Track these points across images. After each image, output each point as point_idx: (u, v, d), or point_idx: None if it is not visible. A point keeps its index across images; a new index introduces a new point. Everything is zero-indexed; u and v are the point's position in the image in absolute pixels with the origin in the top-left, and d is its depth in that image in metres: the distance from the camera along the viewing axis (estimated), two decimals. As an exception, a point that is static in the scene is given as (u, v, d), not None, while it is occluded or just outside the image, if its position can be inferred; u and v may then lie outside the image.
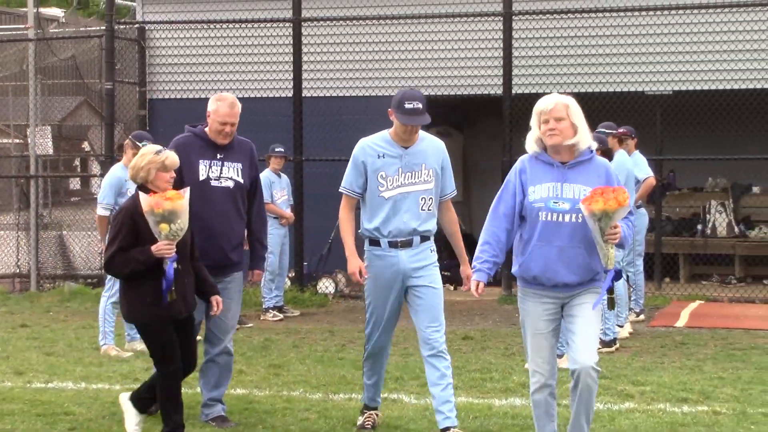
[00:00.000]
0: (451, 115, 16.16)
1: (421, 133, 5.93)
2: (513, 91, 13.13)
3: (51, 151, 16.30)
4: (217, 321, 6.30)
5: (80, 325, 11.78)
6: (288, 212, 12.06)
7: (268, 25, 13.72)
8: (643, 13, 13.26)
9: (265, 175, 11.19)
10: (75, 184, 21.65)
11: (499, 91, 13.27)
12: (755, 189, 14.79)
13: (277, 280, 11.96)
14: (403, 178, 5.79)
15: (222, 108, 6.19)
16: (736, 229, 14.12)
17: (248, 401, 7.67)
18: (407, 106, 5.68)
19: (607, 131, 9.95)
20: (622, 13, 13.10)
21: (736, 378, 8.03)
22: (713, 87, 12.84)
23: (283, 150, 12.01)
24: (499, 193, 5.22)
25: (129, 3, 15.95)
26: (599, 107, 11.45)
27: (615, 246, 5.01)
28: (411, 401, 7.25)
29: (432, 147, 5.93)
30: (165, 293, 5.60)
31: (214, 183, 6.21)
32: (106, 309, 9.84)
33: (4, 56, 15.90)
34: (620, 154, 10.10)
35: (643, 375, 8.94)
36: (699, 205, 14.53)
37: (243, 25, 13.93)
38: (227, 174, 6.26)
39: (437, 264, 6.01)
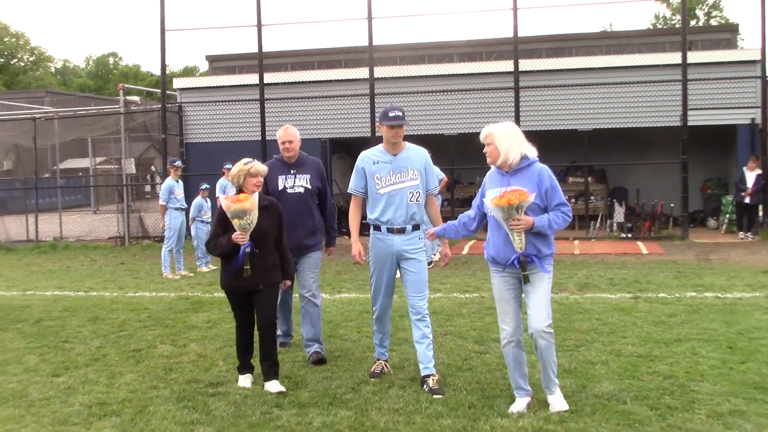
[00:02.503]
0: (344, 147, 20.35)
1: (407, 144, 6.40)
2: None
3: (134, 171, 21.88)
4: (303, 286, 7.25)
5: (152, 262, 15.54)
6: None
7: (246, 99, 19.73)
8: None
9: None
10: (148, 188, 28.51)
11: (367, 134, 18.59)
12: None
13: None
14: (394, 178, 6.25)
15: (280, 133, 7.24)
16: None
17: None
18: (391, 114, 6.24)
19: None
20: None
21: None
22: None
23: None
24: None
25: (173, 93, 21.41)
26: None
27: (534, 233, 5.32)
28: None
29: (416, 153, 6.39)
30: (239, 269, 6.18)
31: (289, 191, 7.11)
32: (164, 253, 13.87)
33: (108, 122, 21.35)
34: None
35: (446, 279, 11.99)
36: (474, 192, 17.91)
37: (229, 103, 20.24)
38: (299, 183, 7.14)
39: (424, 248, 6.43)
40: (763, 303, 9.41)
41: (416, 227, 6.36)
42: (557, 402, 5.49)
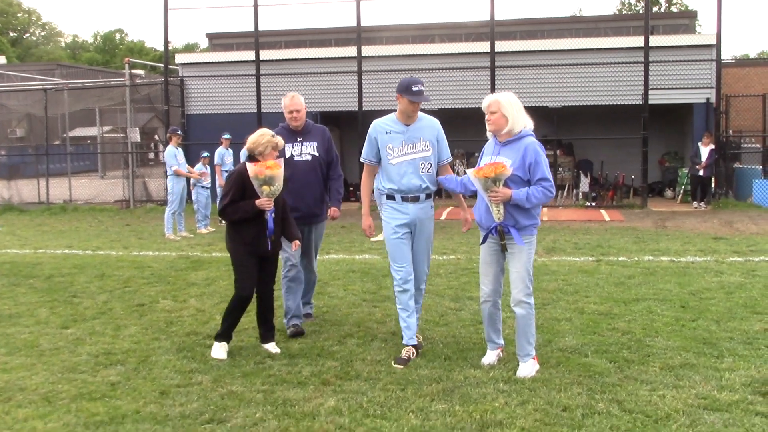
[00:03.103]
0: (333, 120, 20.10)
1: (420, 114, 5.80)
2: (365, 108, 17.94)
3: (139, 140, 22.05)
4: (307, 257, 6.78)
5: (155, 224, 15.51)
6: (193, 173, 13.97)
7: (243, 75, 19.56)
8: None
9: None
10: (152, 155, 28.37)
11: (354, 108, 18.71)
12: (476, 154, 18.21)
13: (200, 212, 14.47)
14: (406, 149, 5.70)
15: (286, 101, 6.59)
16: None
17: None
18: (414, 89, 5.58)
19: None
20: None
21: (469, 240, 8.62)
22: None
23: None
24: None
25: (175, 67, 21.26)
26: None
27: (513, 205, 5.10)
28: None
29: (428, 124, 5.80)
30: (269, 237, 5.82)
31: (297, 158, 6.50)
32: (167, 216, 13.73)
33: (114, 93, 21.17)
34: None
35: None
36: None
37: (227, 78, 20.09)
38: (306, 151, 6.54)
39: (433, 216, 5.96)
40: (714, 266, 9.47)
41: (428, 196, 5.86)
42: (525, 369, 5.27)
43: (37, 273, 9.90)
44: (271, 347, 6.04)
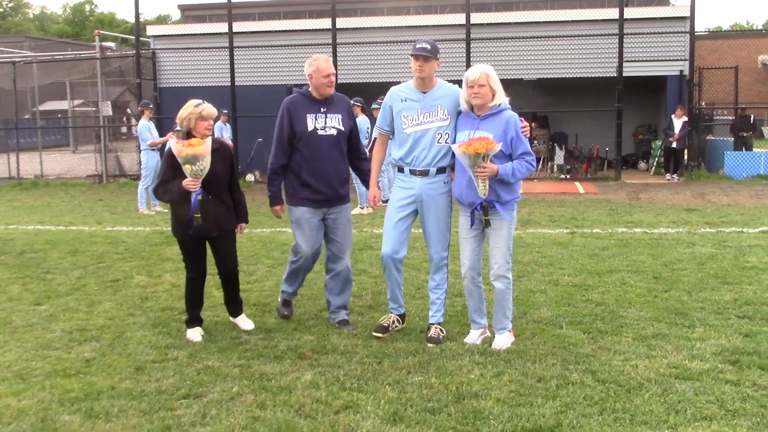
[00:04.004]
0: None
1: (440, 81, 5.46)
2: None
3: (111, 113, 21.59)
4: (335, 243, 5.90)
5: (129, 199, 15.30)
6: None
7: (216, 47, 19.34)
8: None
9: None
10: (124, 129, 27.86)
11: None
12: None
13: None
14: (422, 117, 5.35)
15: (321, 64, 5.67)
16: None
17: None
18: (418, 45, 5.30)
19: (356, 103, 12.26)
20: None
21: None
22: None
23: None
24: None
25: (147, 40, 21.03)
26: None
27: (498, 180, 5.03)
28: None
29: (447, 92, 5.40)
30: (192, 218, 5.39)
31: (320, 132, 5.66)
32: (140, 191, 13.63)
33: (84, 66, 20.90)
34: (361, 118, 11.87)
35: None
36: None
37: (200, 50, 19.80)
38: (331, 124, 5.70)
39: (449, 193, 5.47)
40: (686, 238, 9.59)
41: (441, 170, 5.41)
42: (501, 341, 5.31)
43: (9, 249, 9.77)
44: (241, 321, 5.95)
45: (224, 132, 15.38)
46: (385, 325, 5.69)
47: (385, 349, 5.32)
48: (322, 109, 5.72)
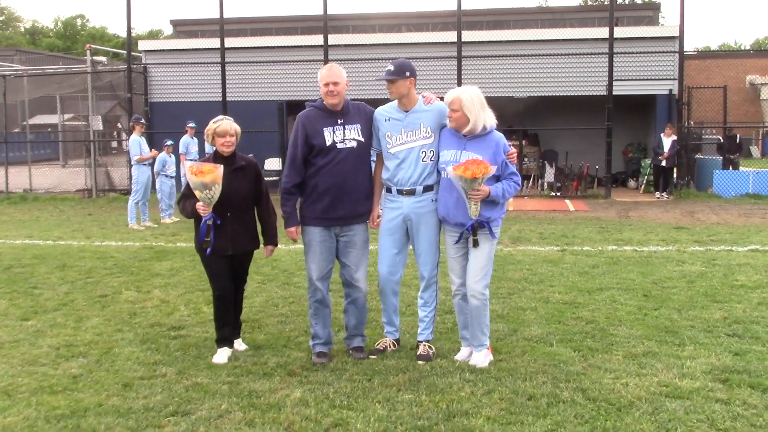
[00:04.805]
0: (299, 108, 20.29)
1: (421, 98, 5.46)
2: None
3: (101, 128, 21.51)
4: (347, 268, 5.58)
5: (118, 214, 15.29)
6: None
7: (208, 62, 19.52)
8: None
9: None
10: (114, 144, 27.73)
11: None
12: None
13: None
14: (406, 137, 5.34)
15: (322, 72, 5.50)
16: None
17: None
18: (385, 69, 5.35)
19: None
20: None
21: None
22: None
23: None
24: None
25: (139, 54, 21.05)
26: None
27: (489, 200, 5.05)
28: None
29: (429, 109, 5.40)
30: (201, 240, 5.40)
31: (339, 145, 5.40)
32: (130, 205, 13.62)
33: (75, 80, 20.87)
34: None
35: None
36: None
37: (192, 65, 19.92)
38: (350, 136, 5.44)
39: (437, 211, 5.39)
40: (676, 256, 9.62)
41: (428, 188, 5.37)
42: (478, 358, 5.28)
43: (-4, 264, 9.69)
44: (237, 344, 5.82)
45: (191, 146, 15.32)
46: (381, 348, 5.65)
47: (375, 366, 5.29)
48: (339, 121, 5.46)
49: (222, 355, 5.55)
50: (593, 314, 6.66)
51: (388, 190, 5.51)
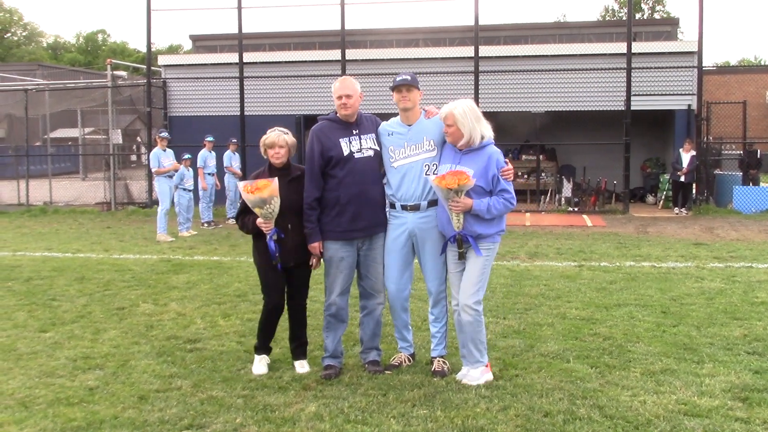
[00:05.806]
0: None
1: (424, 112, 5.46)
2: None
3: (121, 142, 21.83)
4: (367, 280, 5.57)
5: (136, 227, 15.59)
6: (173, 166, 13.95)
7: (226, 77, 19.68)
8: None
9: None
10: (134, 158, 27.96)
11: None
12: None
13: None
14: (409, 150, 5.32)
15: (335, 85, 5.53)
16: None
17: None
18: (398, 78, 5.33)
19: None
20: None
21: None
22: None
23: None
24: None
25: (158, 69, 21.30)
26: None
27: (474, 215, 5.02)
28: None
29: (433, 123, 5.36)
30: (273, 258, 5.33)
31: (357, 155, 5.38)
32: (160, 216, 13.67)
33: (96, 95, 21.10)
34: None
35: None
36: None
37: (211, 80, 20.02)
38: (366, 145, 5.43)
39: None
40: (695, 272, 9.53)
41: (433, 203, 5.31)
42: (473, 375, 5.20)
43: (16, 276, 9.79)
44: (300, 366, 5.61)
45: (209, 159, 15.53)
46: (396, 364, 5.63)
47: (390, 381, 5.28)
48: (354, 131, 5.46)
49: (260, 366, 5.55)
50: (611, 330, 6.61)
51: (392, 206, 5.46)
